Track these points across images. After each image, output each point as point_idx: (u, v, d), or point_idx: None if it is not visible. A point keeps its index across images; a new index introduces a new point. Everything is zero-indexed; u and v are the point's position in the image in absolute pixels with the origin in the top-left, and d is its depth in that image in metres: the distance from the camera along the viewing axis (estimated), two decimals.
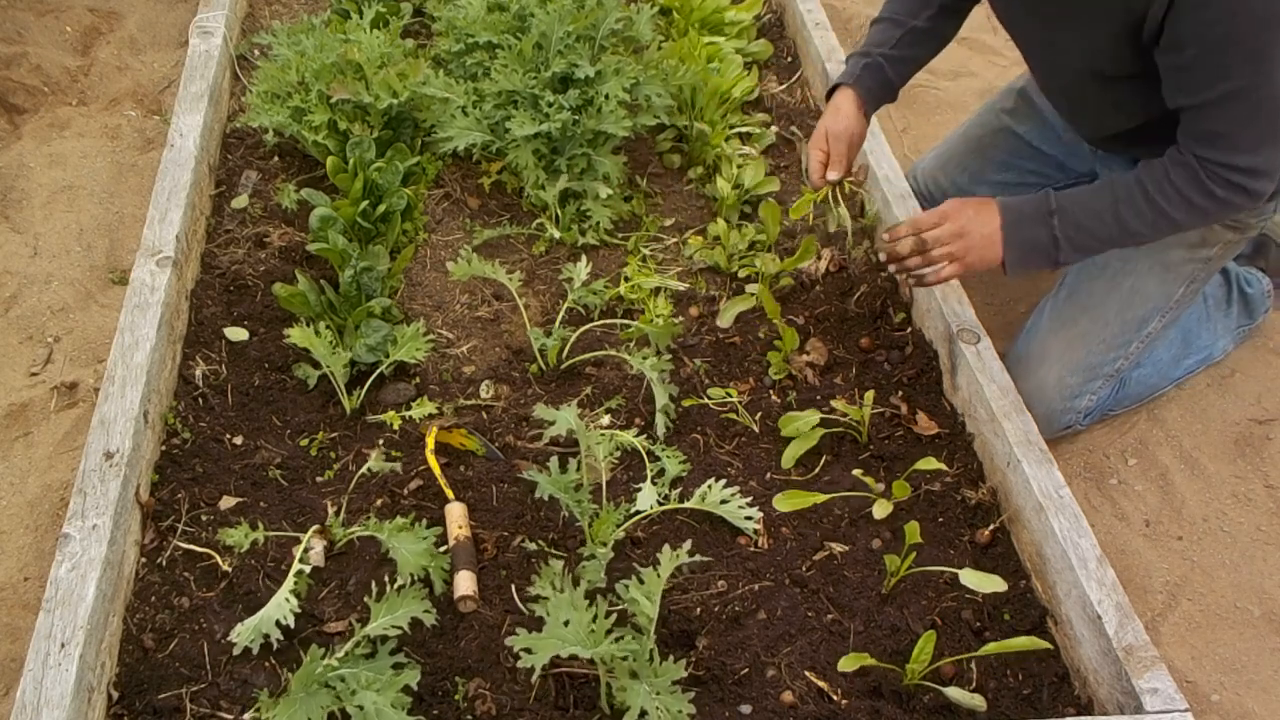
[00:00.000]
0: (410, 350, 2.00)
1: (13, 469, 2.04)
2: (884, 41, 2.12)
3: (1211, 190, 1.75)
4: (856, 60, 2.14)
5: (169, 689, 1.59)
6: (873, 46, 2.13)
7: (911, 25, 2.11)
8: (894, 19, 2.13)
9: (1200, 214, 1.79)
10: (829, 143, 2.08)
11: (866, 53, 2.13)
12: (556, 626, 1.45)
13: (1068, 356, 2.05)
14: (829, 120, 2.09)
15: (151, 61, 3.01)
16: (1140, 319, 2.05)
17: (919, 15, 2.12)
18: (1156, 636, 1.89)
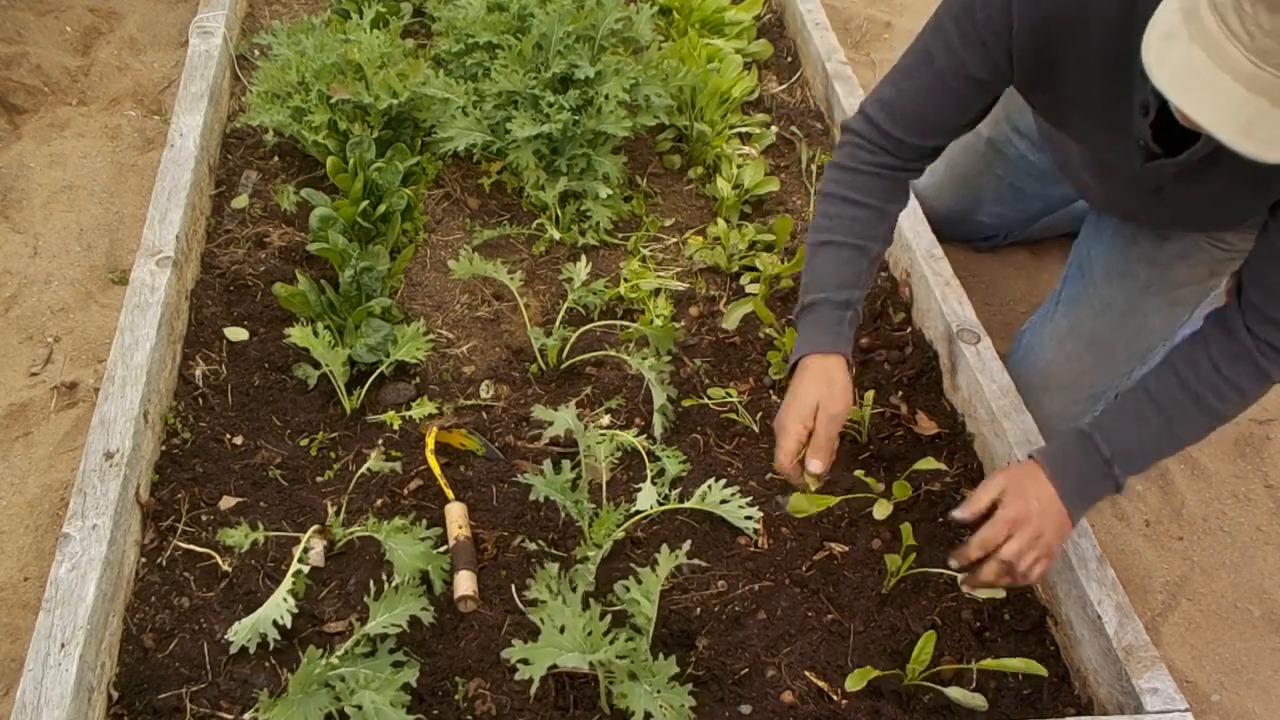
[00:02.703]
0: (410, 350, 2.00)
1: (13, 469, 2.04)
2: (855, 280, 1.76)
3: (1269, 373, 1.56)
4: (833, 312, 1.74)
5: (169, 689, 1.59)
6: (847, 289, 1.75)
7: (875, 251, 1.78)
8: (853, 244, 1.76)
9: (1254, 399, 1.61)
10: (820, 424, 1.66)
11: (846, 302, 1.74)
12: (553, 634, 1.44)
13: (1073, 387, 2.02)
14: (824, 396, 1.67)
15: (151, 61, 3.01)
16: (1146, 349, 2.02)
17: (878, 232, 1.79)
18: (1156, 636, 1.89)
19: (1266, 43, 1.10)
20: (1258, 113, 1.15)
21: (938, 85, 1.66)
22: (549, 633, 1.44)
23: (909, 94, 1.70)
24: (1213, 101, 1.17)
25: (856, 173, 1.76)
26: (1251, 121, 1.15)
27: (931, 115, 1.71)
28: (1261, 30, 1.10)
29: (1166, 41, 1.20)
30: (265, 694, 1.52)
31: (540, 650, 1.42)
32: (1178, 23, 1.19)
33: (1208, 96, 1.17)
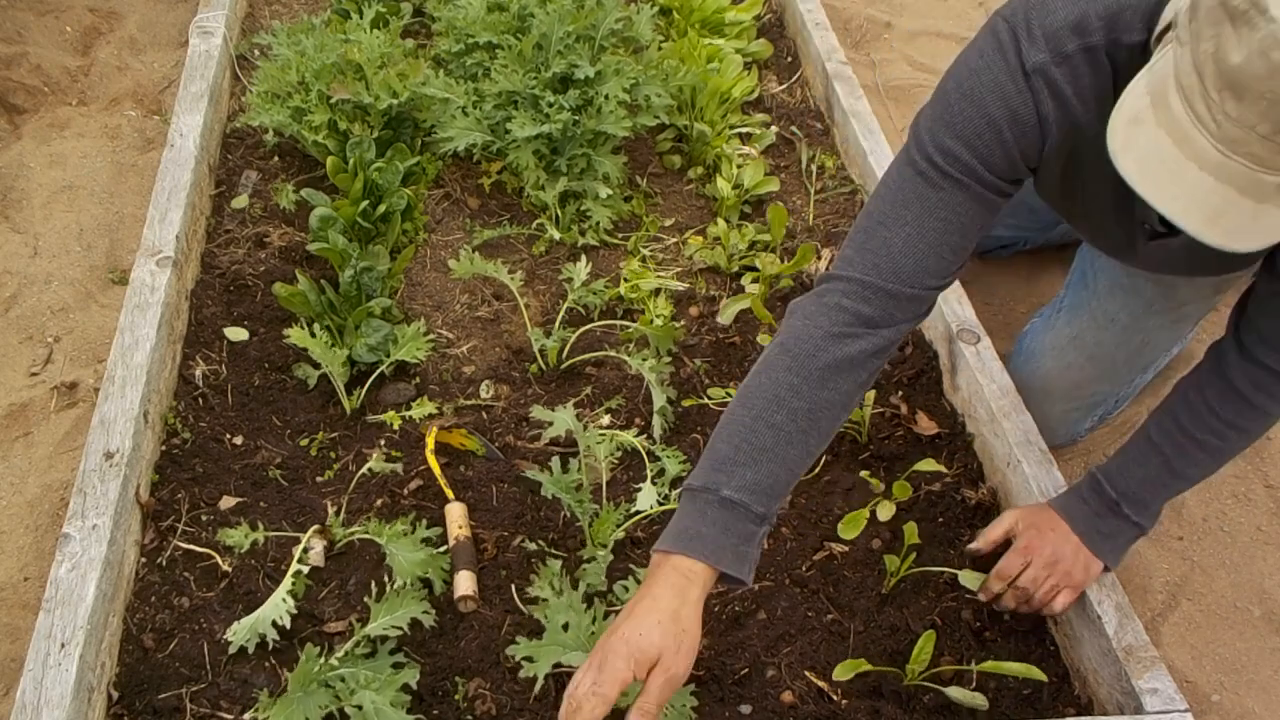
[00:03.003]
0: (410, 350, 2.01)
1: (13, 469, 2.04)
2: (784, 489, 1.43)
3: (1268, 409, 1.52)
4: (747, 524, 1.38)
5: (169, 689, 1.59)
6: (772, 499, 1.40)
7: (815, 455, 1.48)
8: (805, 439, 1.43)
9: (1261, 432, 1.58)
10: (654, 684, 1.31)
11: (763, 516, 1.39)
12: (556, 632, 1.45)
13: (1074, 396, 2.02)
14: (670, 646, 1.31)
15: (151, 61, 3.01)
16: (1149, 362, 2.01)
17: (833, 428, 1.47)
18: (1156, 636, 1.89)
19: (1234, 131, 1.06)
20: (1224, 202, 1.11)
21: (955, 217, 1.42)
22: (553, 631, 1.44)
23: (917, 237, 1.42)
24: (1179, 191, 1.12)
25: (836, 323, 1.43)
26: (1218, 211, 1.11)
27: (944, 256, 1.44)
28: (1228, 118, 1.06)
29: (1133, 126, 1.16)
30: (265, 694, 1.52)
31: (544, 648, 1.42)
32: (1145, 107, 1.15)
33: (1174, 185, 1.13)
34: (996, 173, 1.41)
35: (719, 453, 1.40)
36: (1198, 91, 1.08)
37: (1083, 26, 1.31)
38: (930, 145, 1.40)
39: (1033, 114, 1.36)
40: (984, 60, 1.37)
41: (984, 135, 1.38)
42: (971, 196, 1.42)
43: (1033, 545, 1.65)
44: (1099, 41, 1.30)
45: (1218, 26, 1.05)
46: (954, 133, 1.39)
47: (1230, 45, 1.03)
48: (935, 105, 1.43)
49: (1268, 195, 1.10)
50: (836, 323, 1.42)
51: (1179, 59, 1.11)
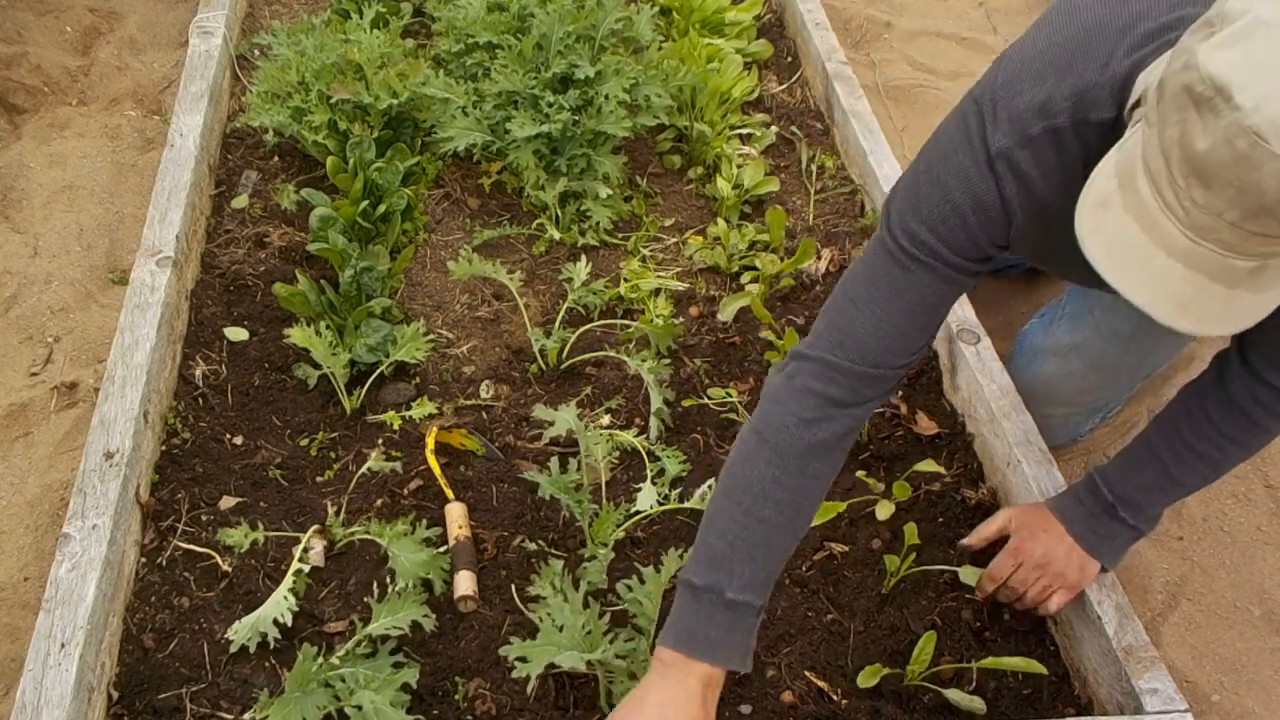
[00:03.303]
0: (410, 350, 2.01)
1: (13, 469, 2.04)
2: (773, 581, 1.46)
3: (1267, 426, 1.51)
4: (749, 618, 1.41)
5: (169, 689, 1.59)
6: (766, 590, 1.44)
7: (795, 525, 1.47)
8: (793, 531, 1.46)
9: (1258, 447, 1.57)
10: None
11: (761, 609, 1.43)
12: (551, 632, 1.44)
13: (1076, 401, 2.02)
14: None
15: (151, 61, 3.01)
16: (1151, 369, 2.01)
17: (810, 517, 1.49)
18: (1156, 636, 1.89)
19: (1202, 218, 1.03)
20: (1195, 289, 1.08)
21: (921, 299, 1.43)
22: (547, 631, 1.44)
23: (885, 318, 1.43)
24: (1147, 278, 1.10)
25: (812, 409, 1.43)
26: (1189, 298, 1.09)
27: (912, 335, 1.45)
28: (1196, 205, 1.03)
29: (1100, 210, 1.13)
30: (265, 694, 1.52)
31: (538, 648, 1.42)
32: (1112, 190, 1.12)
33: (1142, 272, 1.10)
34: (962, 255, 1.40)
35: (715, 550, 1.41)
36: (1165, 177, 1.05)
37: (1048, 108, 1.28)
38: (899, 228, 1.40)
39: (996, 198, 1.34)
40: (952, 144, 1.36)
41: (948, 220, 1.37)
42: (939, 278, 1.41)
43: (1024, 546, 1.66)
44: (1064, 123, 1.28)
45: (1183, 112, 1.02)
46: (919, 217, 1.38)
47: (1196, 132, 1.01)
48: (906, 187, 1.42)
49: (1239, 280, 1.07)
50: (807, 407, 1.43)
51: (1147, 141, 1.08)
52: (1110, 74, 1.24)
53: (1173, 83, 1.04)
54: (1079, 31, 1.28)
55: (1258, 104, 0.96)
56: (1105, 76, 1.25)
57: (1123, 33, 1.25)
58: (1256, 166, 0.97)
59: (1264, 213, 1.00)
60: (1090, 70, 1.26)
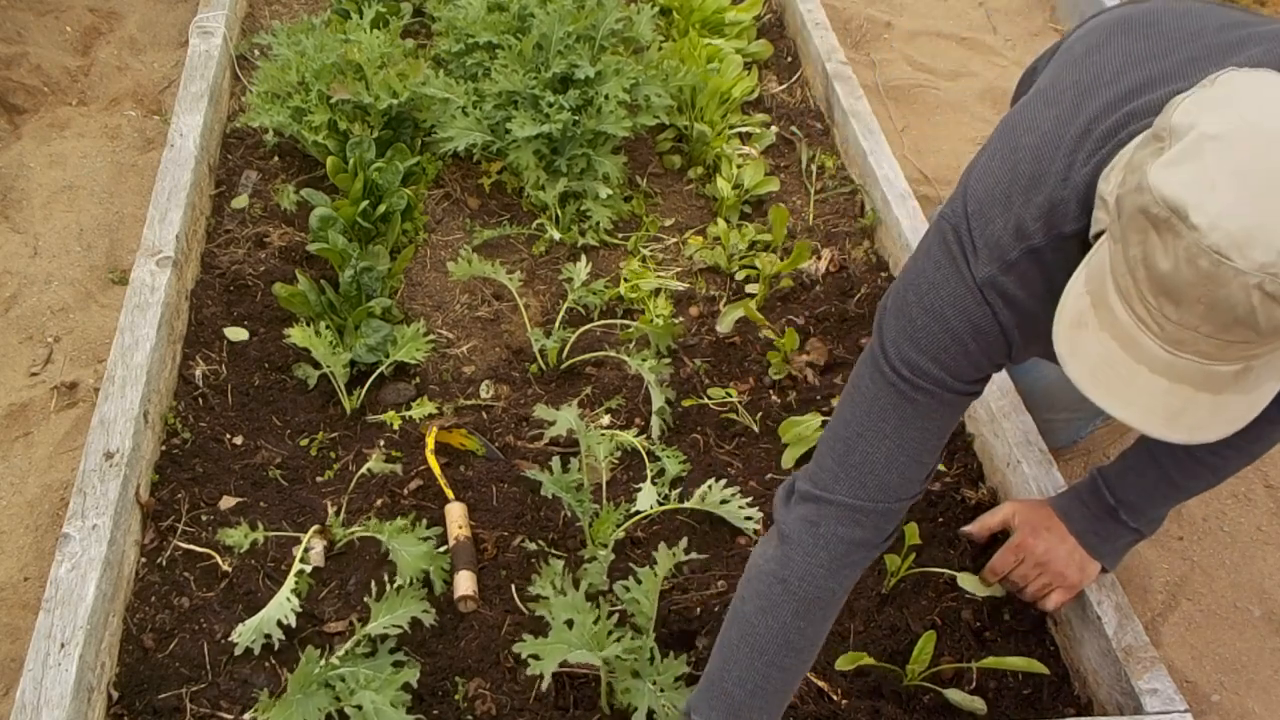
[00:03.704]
0: (410, 350, 2.01)
1: (13, 469, 2.04)
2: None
3: (1268, 434, 1.49)
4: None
5: (169, 689, 1.59)
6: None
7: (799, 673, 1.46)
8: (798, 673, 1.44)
9: (1259, 453, 1.56)
10: None
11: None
12: (561, 630, 1.45)
13: (1078, 407, 2.00)
14: None
15: (151, 61, 3.01)
16: None
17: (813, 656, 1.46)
18: (1156, 636, 1.89)
19: (1178, 333, 1.02)
20: (1182, 400, 1.07)
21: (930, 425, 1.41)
22: (558, 629, 1.44)
23: (897, 449, 1.40)
24: (1134, 396, 1.09)
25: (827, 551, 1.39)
26: (1177, 410, 1.08)
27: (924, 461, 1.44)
28: (1170, 321, 1.02)
29: (1077, 330, 1.12)
30: (265, 694, 1.52)
31: (550, 646, 1.42)
32: (1086, 308, 1.11)
33: (1128, 390, 1.09)
34: (965, 379, 1.39)
35: (735, 699, 1.39)
36: (1135, 294, 1.04)
37: (1022, 231, 1.27)
38: (897, 359, 1.37)
39: (993, 324, 1.33)
40: (941, 273, 1.34)
41: (950, 349, 1.35)
42: (944, 403, 1.40)
43: (1026, 543, 1.66)
44: (1040, 242, 1.27)
45: (1143, 233, 1.01)
46: (919, 347, 1.36)
47: (1158, 253, 1.00)
48: (897, 314, 1.39)
49: (1224, 385, 1.06)
50: (836, 556, 1.39)
51: (1113, 256, 1.07)
52: (1073, 185, 1.23)
53: (1129, 203, 1.03)
54: (1034, 150, 1.27)
55: (1214, 222, 0.95)
56: (1069, 189, 1.23)
57: (1078, 141, 1.23)
58: (1223, 284, 0.96)
59: (1238, 324, 0.99)
60: (1053, 185, 1.25)
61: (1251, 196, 0.96)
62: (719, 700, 1.40)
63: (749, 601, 1.41)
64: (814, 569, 1.38)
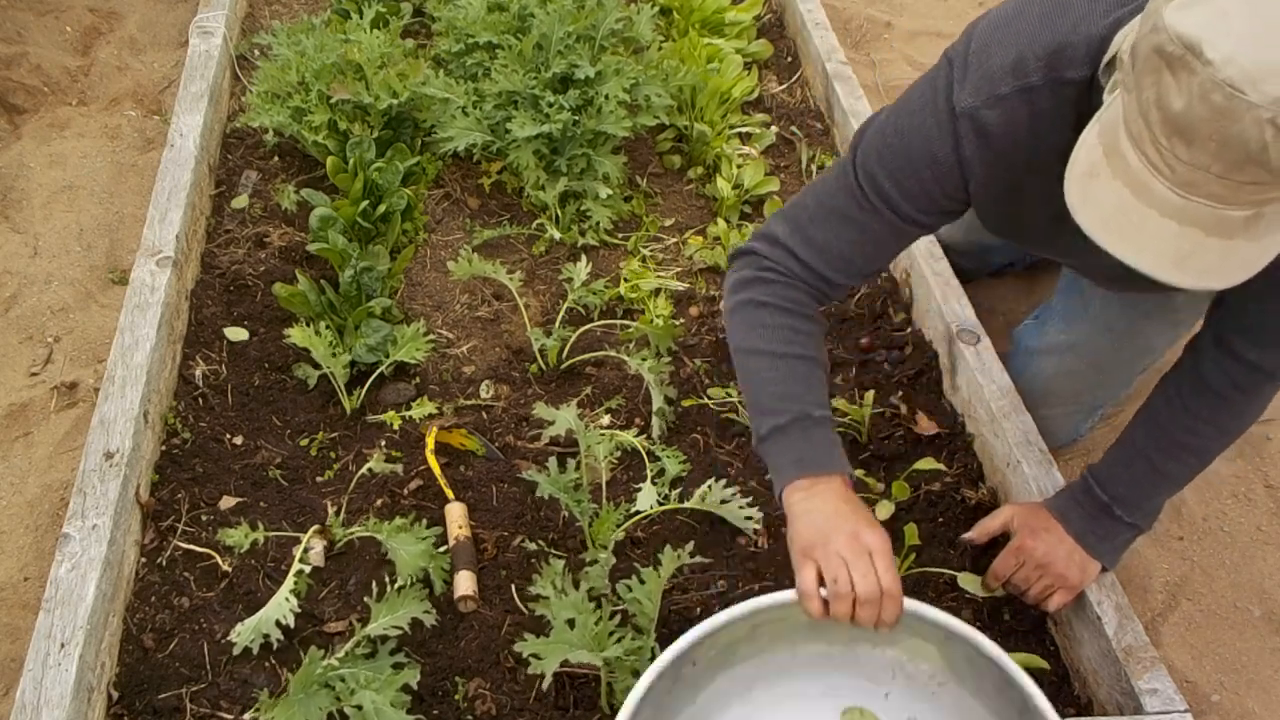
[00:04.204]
0: (410, 350, 2.00)
1: (13, 469, 2.04)
2: (828, 403, 1.56)
3: (1241, 406, 1.51)
4: (827, 432, 1.52)
5: (169, 689, 1.59)
6: (825, 409, 1.53)
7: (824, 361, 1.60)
8: (820, 362, 1.56)
9: (1240, 431, 1.57)
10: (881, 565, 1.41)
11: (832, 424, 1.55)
12: (562, 630, 1.45)
13: (1074, 400, 2.02)
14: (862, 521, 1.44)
15: (151, 61, 3.01)
16: (1149, 364, 2.01)
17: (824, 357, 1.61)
18: (1156, 636, 1.89)
19: (1189, 174, 1.04)
20: (1192, 245, 1.09)
21: (876, 236, 1.51)
22: (560, 629, 1.44)
23: (842, 240, 1.51)
24: (1144, 241, 1.11)
25: (787, 286, 1.53)
26: (1185, 255, 1.10)
27: (867, 260, 1.54)
28: (1182, 163, 1.04)
29: (1089, 180, 1.14)
30: (265, 694, 1.52)
31: (551, 646, 1.42)
32: (1099, 159, 1.13)
33: (1139, 236, 1.11)
34: (917, 207, 1.45)
35: (775, 394, 1.52)
36: (1147, 138, 1.06)
37: (1020, 67, 1.30)
38: (861, 170, 1.46)
39: (951, 155, 1.37)
40: (921, 99, 1.40)
41: (906, 172, 1.42)
42: (890, 225, 1.48)
43: (1026, 545, 1.66)
44: (1038, 81, 1.29)
45: (1157, 74, 1.03)
46: (882, 164, 1.44)
47: (1171, 92, 1.02)
48: (877, 130, 1.46)
49: (1235, 231, 1.08)
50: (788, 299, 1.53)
51: (1126, 106, 1.09)
52: (1085, 33, 1.26)
53: (1143, 46, 1.05)
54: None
55: (1229, 56, 0.97)
56: (1078, 36, 1.26)
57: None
58: (1236, 119, 0.98)
59: (1250, 162, 1.01)
60: (1065, 29, 1.27)
61: (1266, 31, 0.98)
62: (766, 407, 1.52)
63: (737, 335, 1.55)
64: (773, 287, 1.53)
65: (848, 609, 1.38)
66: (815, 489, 1.46)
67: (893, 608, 1.39)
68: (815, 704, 1.51)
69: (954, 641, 1.42)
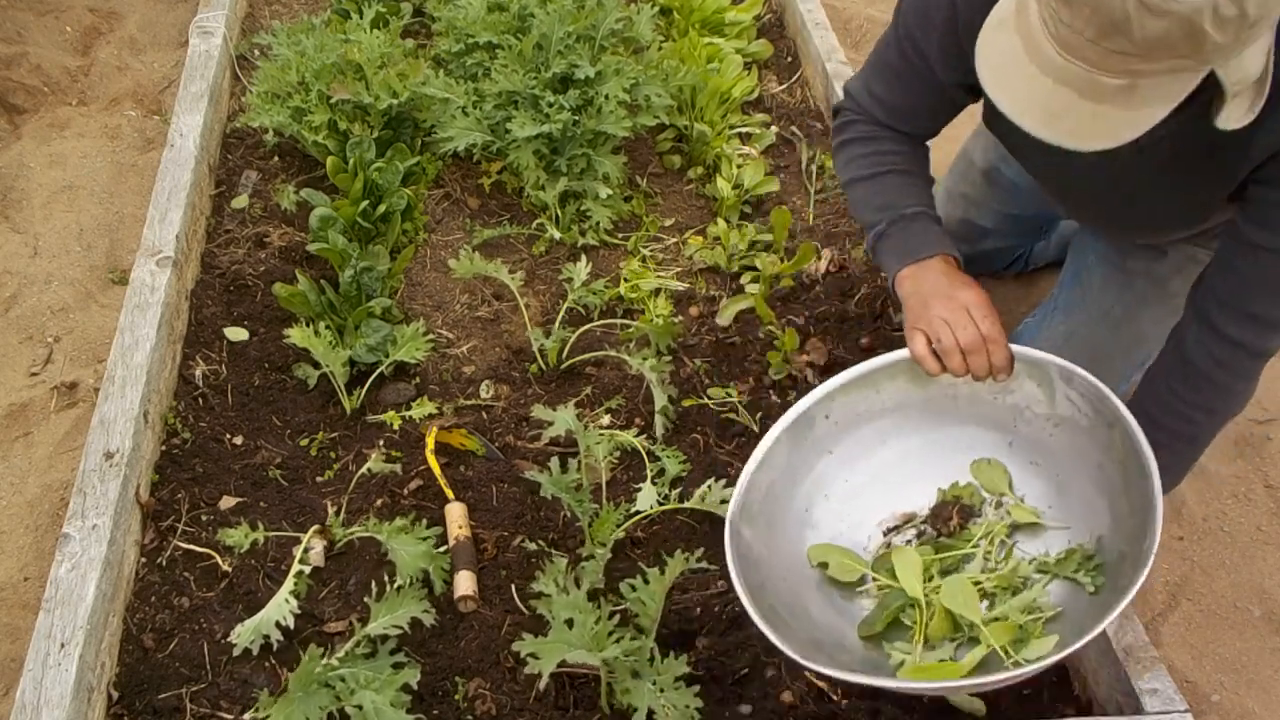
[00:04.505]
0: (410, 350, 2.01)
1: (13, 469, 2.04)
2: (932, 203, 1.73)
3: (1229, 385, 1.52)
4: (930, 224, 1.67)
5: (169, 689, 1.59)
6: (930, 207, 1.70)
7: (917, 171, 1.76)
8: (921, 174, 1.75)
9: (1230, 412, 1.58)
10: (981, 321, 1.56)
11: (937, 218, 1.71)
12: (561, 629, 1.45)
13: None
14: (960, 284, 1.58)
15: (151, 61, 3.01)
16: (1146, 355, 2.01)
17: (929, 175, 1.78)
18: (1156, 636, 1.89)
19: (1068, 35, 1.13)
20: (1064, 104, 1.18)
21: (919, 91, 1.67)
22: (558, 628, 1.44)
23: (894, 93, 1.70)
24: (1020, 93, 1.21)
25: (867, 124, 1.73)
26: (1057, 113, 1.19)
27: (921, 116, 1.72)
28: (1061, 22, 1.13)
29: (996, 30, 1.24)
30: (265, 694, 1.52)
31: (550, 645, 1.42)
32: (1010, 12, 1.23)
33: (1018, 87, 1.21)
34: (942, 63, 1.58)
35: (876, 204, 1.69)
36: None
37: None
38: (901, 24, 1.65)
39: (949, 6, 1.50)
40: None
41: (925, 23, 1.58)
42: (924, 79, 1.63)
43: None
44: None
45: None
46: (913, 15, 1.62)
47: None
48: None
49: (1105, 97, 1.16)
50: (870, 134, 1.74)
51: None
52: None
53: None
54: None
55: None
56: None
57: None
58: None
59: (1116, 31, 1.09)
60: None
61: None
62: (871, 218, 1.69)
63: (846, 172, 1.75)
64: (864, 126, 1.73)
65: (960, 362, 1.53)
66: (917, 273, 1.61)
67: (999, 351, 1.53)
68: (949, 455, 1.67)
69: (1064, 379, 1.54)
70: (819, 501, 1.67)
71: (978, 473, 1.66)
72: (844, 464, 1.67)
